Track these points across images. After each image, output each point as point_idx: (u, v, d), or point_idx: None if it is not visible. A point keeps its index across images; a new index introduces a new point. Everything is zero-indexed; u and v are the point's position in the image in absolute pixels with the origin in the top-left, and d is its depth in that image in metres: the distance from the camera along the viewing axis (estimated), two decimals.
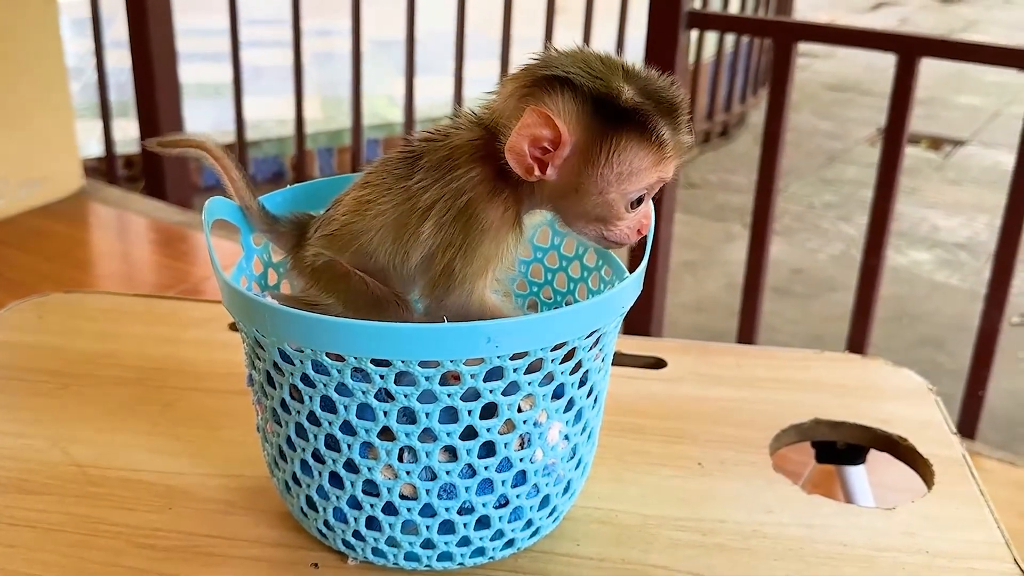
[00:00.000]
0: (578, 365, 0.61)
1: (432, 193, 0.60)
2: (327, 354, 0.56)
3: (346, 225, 0.63)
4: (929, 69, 1.58)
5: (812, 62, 5.38)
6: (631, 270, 0.63)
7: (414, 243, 0.61)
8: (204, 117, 3.39)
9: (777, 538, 0.70)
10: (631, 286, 0.61)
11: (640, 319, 1.88)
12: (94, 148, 2.97)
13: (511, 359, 0.57)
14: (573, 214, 0.61)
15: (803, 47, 1.70)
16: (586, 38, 2.87)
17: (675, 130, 0.59)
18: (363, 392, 0.57)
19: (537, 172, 0.58)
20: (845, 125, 4.48)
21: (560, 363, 0.59)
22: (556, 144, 0.58)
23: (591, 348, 0.61)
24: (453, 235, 0.60)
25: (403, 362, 0.55)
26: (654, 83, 0.59)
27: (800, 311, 2.76)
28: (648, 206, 0.62)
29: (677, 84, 0.60)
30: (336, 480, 0.62)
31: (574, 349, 0.59)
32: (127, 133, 2.79)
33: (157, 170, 2.44)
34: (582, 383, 0.62)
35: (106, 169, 2.69)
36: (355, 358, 0.56)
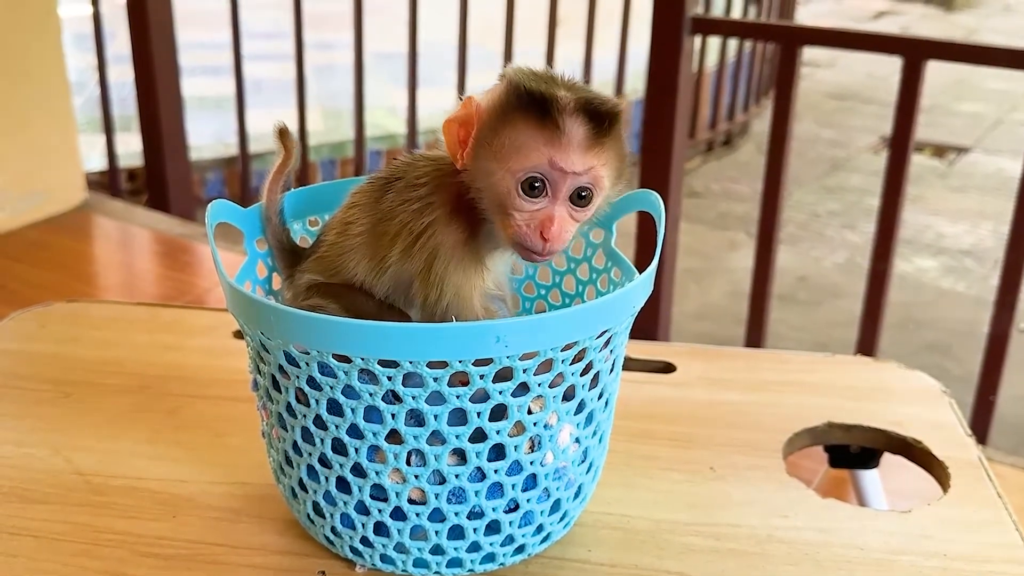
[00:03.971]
0: (589, 366, 0.60)
1: (398, 219, 0.61)
2: (333, 356, 0.55)
3: (333, 245, 0.65)
4: (931, 77, 1.58)
5: (814, 71, 5.38)
6: (640, 271, 0.62)
7: (384, 266, 0.62)
8: (205, 130, 3.38)
9: (792, 543, 0.68)
10: (642, 285, 0.60)
11: (647, 325, 1.87)
12: (96, 162, 2.97)
13: (521, 359, 0.56)
14: (488, 209, 0.59)
15: (805, 56, 1.70)
16: (588, 48, 2.86)
17: (591, 126, 0.57)
18: (370, 394, 0.56)
19: (460, 156, 0.59)
20: (847, 133, 4.48)
21: (571, 364, 0.58)
22: (471, 124, 0.59)
23: (602, 349, 0.60)
24: (419, 265, 0.61)
25: (411, 363, 0.54)
26: (593, 92, 0.58)
27: (805, 318, 2.75)
28: (554, 209, 0.58)
29: (621, 101, 0.59)
30: (343, 485, 0.61)
31: (585, 350, 0.58)
32: (129, 147, 2.78)
33: (160, 183, 2.44)
34: (593, 385, 0.61)
35: (109, 182, 2.69)
36: (362, 359, 0.55)
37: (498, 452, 0.59)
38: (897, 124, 1.60)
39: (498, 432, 0.58)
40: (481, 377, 0.56)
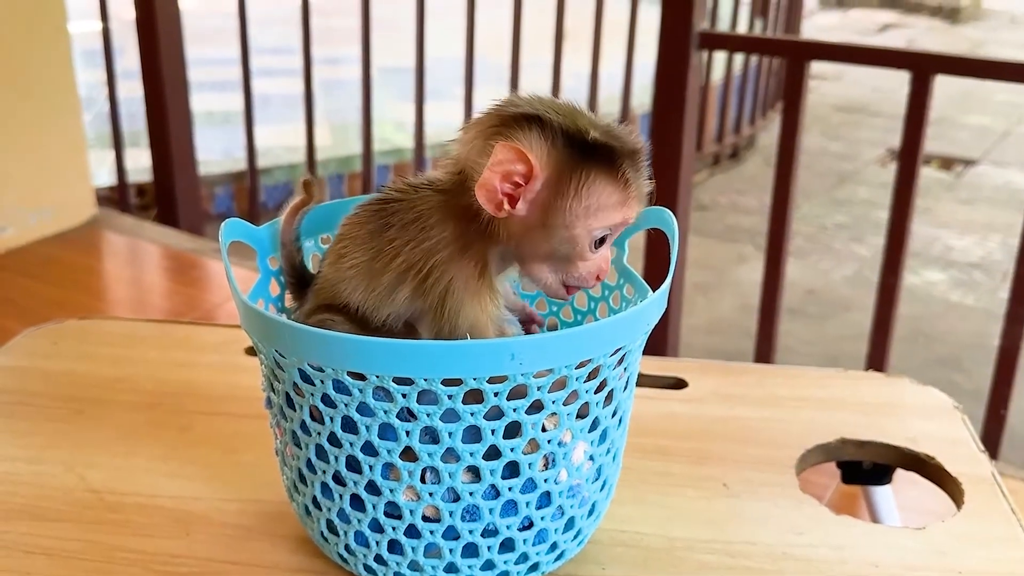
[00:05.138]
0: (603, 384, 0.60)
1: (405, 256, 0.60)
2: (348, 373, 0.56)
3: (326, 277, 0.65)
4: (938, 89, 1.57)
5: (820, 84, 5.39)
6: (652, 289, 0.63)
7: (386, 302, 0.62)
8: (214, 145, 3.40)
9: (807, 560, 0.68)
10: (656, 303, 0.60)
11: (656, 340, 1.87)
12: (105, 178, 2.98)
13: (535, 377, 0.56)
14: (537, 254, 0.61)
15: (812, 69, 1.70)
16: (595, 62, 2.87)
17: (637, 173, 0.60)
18: (385, 411, 0.56)
19: (507, 207, 0.58)
20: (855, 146, 4.49)
21: (585, 381, 0.58)
22: (528, 178, 0.58)
23: (616, 367, 0.60)
24: (432, 302, 0.60)
25: (426, 380, 0.54)
26: (616, 128, 0.60)
27: (814, 332, 2.75)
28: (608, 250, 0.62)
29: (636, 131, 0.61)
30: (357, 503, 0.61)
31: (599, 367, 0.58)
32: (138, 162, 2.80)
33: (169, 198, 2.44)
34: (607, 402, 0.61)
35: (118, 198, 2.70)
36: (377, 377, 0.55)
37: (512, 470, 0.59)
38: (905, 139, 1.60)
39: (512, 450, 0.58)
40: (495, 394, 0.56)
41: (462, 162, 0.61)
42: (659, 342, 1.87)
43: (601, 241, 0.60)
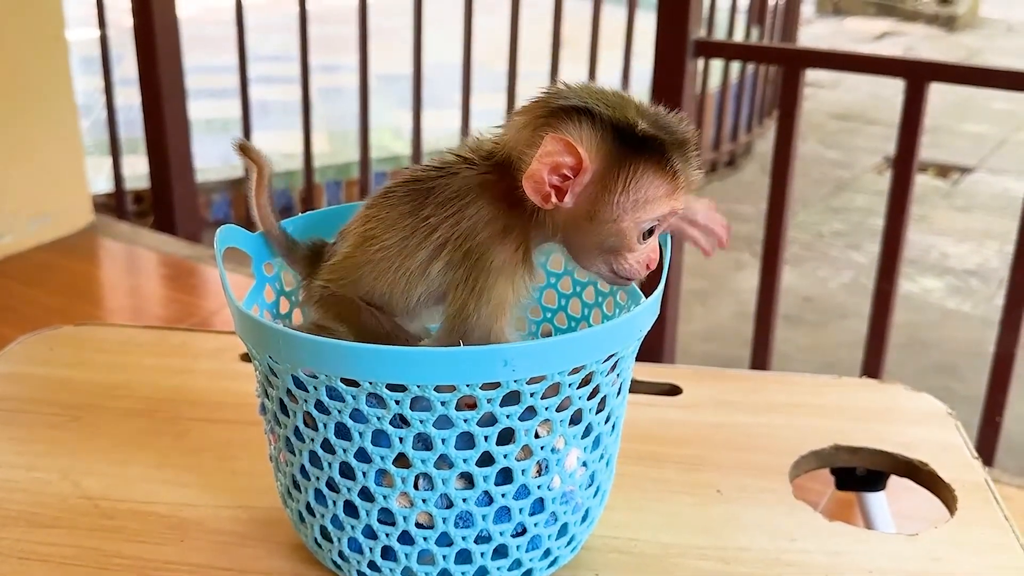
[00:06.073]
0: (596, 390, 0.60)
1: (442, 232, 0.60)
2: (341, 380, 0.56)
3: (349, 257, 0.64)
4: (934, 97, 1.58)
5: (817, 92, 5.40)
6: (646, 295, 0.63)
7: (420, 279, 0.61)
8: (212, 152, 3.40)
9: (801, 566, 0.68)
10: (648, 309, 0.60)
11: (652, 347, 1.87)
12: (103, 184, 2.98)
13: (528, 383, 0.56)
14: (585, 245, 0.61)
15: (808, 77, 1.71)
16: (592, 70, 2.88)
17: (686, 163, 0.60)
18: (378, 418, 0.57)
19: (554, 200, 0.58)
20: (852, 154, 4.49)
21: (578, 388, 0.58)
22: (576, 171, 0.58)
23: (609, 373, 0.60)
24: (466, 276, 0.60)
25: (419, 387, 0.55)
26: (664, 118, 0.60)
27: (811, 339, 2.75)
28: (656, 241, 0.62)
29: (686, 120, 0.61)
30: (351, 509, 0.61)
31: (592, 373, 0.58)
32: (136, 169, 2.80)
33: (166, 205, 2.45)
34: (600, 408, 0.61)
35: (115, 205, 2.70)
36: (370, 383, 0.55)
37: (505, 476, 0.59)
38: (900, 146, 1.61)
39: (505, 456, 0.58)
40: (489, 401, 0.56)
41: (508, 148, 0.60)
42: (656, 349, 1.87)
43: (649, 232, 0.60)
